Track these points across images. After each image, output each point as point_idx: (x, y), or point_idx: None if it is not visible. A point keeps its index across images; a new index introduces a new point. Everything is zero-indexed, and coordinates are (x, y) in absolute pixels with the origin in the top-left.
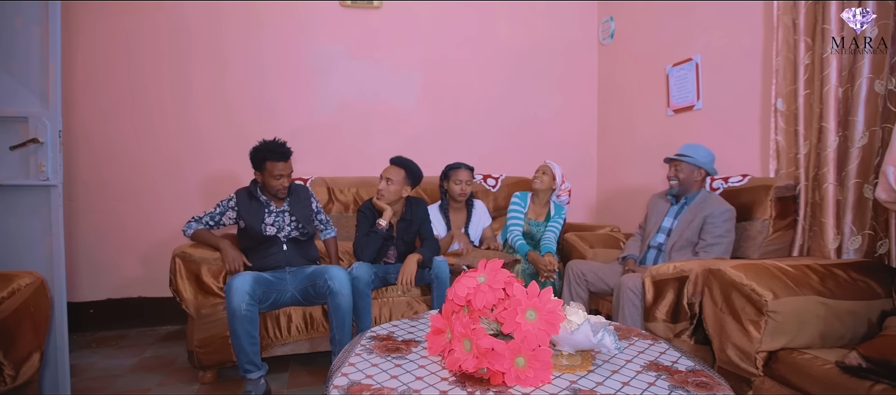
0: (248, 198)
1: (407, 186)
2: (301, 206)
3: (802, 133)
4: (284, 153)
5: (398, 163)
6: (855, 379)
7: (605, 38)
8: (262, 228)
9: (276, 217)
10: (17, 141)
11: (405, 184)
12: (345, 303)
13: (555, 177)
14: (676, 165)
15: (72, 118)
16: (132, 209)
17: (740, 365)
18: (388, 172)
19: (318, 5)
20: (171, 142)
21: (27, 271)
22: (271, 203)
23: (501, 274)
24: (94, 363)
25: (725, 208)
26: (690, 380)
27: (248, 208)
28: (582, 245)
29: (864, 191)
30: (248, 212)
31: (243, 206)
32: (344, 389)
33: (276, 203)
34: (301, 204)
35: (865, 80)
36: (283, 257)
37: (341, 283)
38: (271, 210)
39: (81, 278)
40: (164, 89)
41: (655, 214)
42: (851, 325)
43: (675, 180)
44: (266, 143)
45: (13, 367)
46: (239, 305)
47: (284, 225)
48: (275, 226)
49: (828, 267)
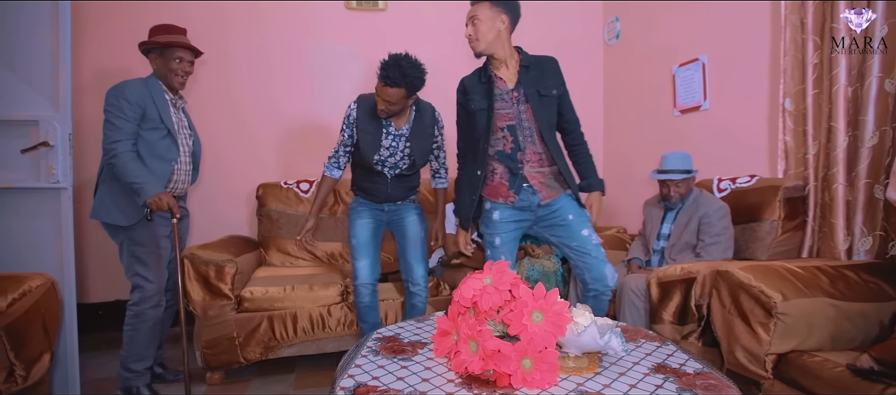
0: (370, 111)
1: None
2: (423, 134)
3: (811, 133)
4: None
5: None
6: (866, 382)
7: (611, 39)
8: (377, 152)
9: (393, 141)
10: (28, 144)
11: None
12: (420, 304)
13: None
14: (675, 183)
15: (81, 121)
16: None
17: (749, 368)
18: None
19: (323, 7)
20: None
21: (38, 273)
22: (391, 124)
23: (508, 276)
24: (104, 364)
25: (719, 206)
26: (699, 383)
27: (366, 124)
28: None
29: (874, 191)
30: (365, 128)
31: (362, 118)
32: (350, 390)
33: (395, 123)
34: (424, 132)
35: (875, 79)
36: (383, 191)
37: (421, 288)
38: (390, 132)
39: (91, 280)
40: None
41: (651, 221)
42: (862, 327)
43: (677, 197)
44: (393, 57)
45: (24, 368)
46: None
47: (398, 152)
48: (389, 150)
49: (838, 268)
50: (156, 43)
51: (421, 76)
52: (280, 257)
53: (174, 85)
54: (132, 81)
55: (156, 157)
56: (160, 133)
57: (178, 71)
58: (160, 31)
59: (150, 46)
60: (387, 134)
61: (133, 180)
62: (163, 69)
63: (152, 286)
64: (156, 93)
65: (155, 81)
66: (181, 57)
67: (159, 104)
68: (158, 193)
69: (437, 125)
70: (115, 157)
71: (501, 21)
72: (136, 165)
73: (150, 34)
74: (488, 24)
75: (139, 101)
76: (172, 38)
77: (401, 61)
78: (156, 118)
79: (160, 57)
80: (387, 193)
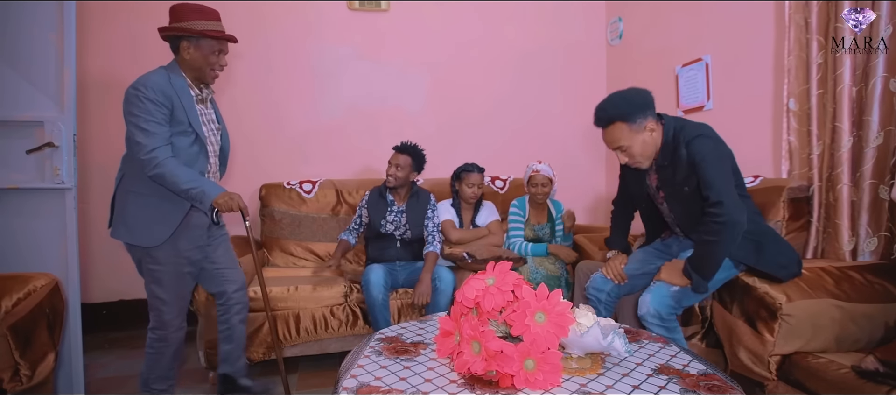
0: (377, 196)
1: (413, 172)
2: (418, 210)
3: (816, 133)
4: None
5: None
6: (871, 384)
7: (614, 39)
8: (381, 224)
9: (395, 216)
10: (34, 145)
11: (411, 170)
12: (444, 300)
13: (552, 180)
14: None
15: (85, 122)
16: None
17: (753, 369)
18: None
19: (325, 8)
20: None
21: (42, 273)
22: (394, 202)
23: (510, 276)
24: (107, 363)
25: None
26: (702, 384)
27: (375, 204)
28: (591, 247)
29: (879, 192)
30: (374, 207)
31: (372, 202)
32: (353, 391)
33: (397, 201)
34: (419, 208)
35: (880, 79)
36: (395, 253)
37: (447, 284)
38: (393, 209)
39: (95, 280)
40: None
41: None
42: (867, 328)
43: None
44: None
45: (29, 367)
46: (377, 296)
47: (401, 224)
48: (393, 223)
49: (843, 269)
50: (194, 31)
51: (422, 156)
52: (283, 257)
53: (209, 80)
54: (153, 75)
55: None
56: (188, 138)
57: (216, 65)
58: (193, 15)
59: (184, 34)
60: (390, 211)
61: (188, 187)
62: (198, 61)
63: (169, 310)
64: (180, 89)
65: (178, 74)
66: (221, 49)
67: (186, 103)
68: (224, 193)
69: (431, 205)
70: (158, 166)
71: (649, 129)
72: (184, 169)
73: (177, 16)
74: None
75: (165, 99)
76: (215, 28)
77: (411, 143)
78: (184, 121)
79: (195, 46)
80: (398, 254)
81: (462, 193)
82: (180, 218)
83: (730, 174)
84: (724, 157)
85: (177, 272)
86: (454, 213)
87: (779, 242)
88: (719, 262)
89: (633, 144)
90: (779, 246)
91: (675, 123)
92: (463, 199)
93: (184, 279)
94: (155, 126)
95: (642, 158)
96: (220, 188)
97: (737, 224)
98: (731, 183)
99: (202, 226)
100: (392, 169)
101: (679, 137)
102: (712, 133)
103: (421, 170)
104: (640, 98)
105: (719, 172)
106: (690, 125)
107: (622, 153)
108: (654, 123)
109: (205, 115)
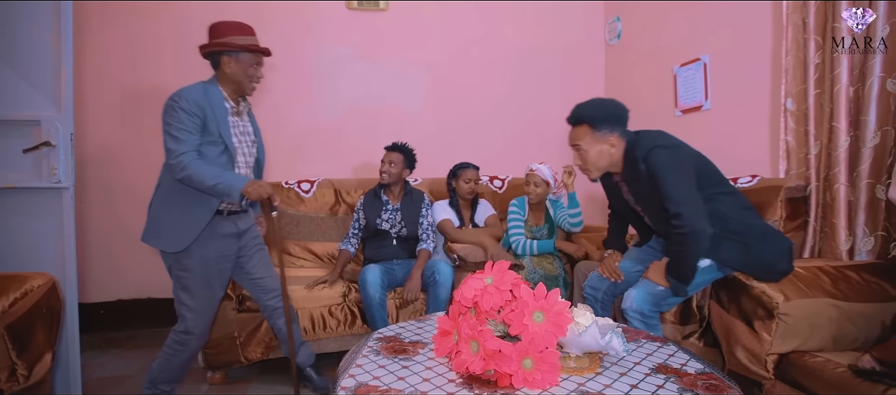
0: (372, 196)
1: (406, 170)
2: (412, 208)
3: (813, 133)
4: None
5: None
6: (868, 383)
7: (612, 39)
8: (377, 222)
9: (390, 214)
10: (30, 144)
11: (404, 167)
12: (443, 293)
13: (549, 183)
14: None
15: (82, 121)
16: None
17: (751, 368)
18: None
19: (324, 7)
20: None
21: (39, 273)
22: (389, 201)
23: (508, 276)
24: (105, 363)
25: None
26: (700, 383)
27: (371, 204)
28: (590, 247)
29: (876, 191)
30: (370, 207)
31: (368, 203)
32: (351, 390)
33: (392, 200)
34: (413, 207)
35: (877, 79)
36: (392, 251)
37: (446, 277)
38: (388, 208)
39: (92, 280)
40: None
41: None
42: (864, 327)
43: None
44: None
45: (26, 367)
46: (374, 295)
47: (396, 222)
48: (388, 222)
49: (840, 269)
50: (234, 46)
51: (413, 154)
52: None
53: (248, 91)
54: (190, 89)
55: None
56: (217, 148)
57: (254, 77)
58: (233, 31)
59: (224, 49)
60: (385, 209)
61: (214, 183)
62: (238, 74)
63: (194, 318)
64: (216, 101)
65: (216, 88)
66: (258, 62)
67: (218, 116)
68: (252, 182)
69: (425, 204)
70: (184, 169)
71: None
72: (209, 168)
73: (218, 33)
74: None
75: (198, 110)
76: (253, 42)
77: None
78: (214, 132)
79: (235, 60)
80: (394, 253)
81: (459, 189)
82: (205, 223)
83: (689, 180)
84: (683, 163)
85: (205, 280)
86: (453, 213)
87: (766, 238)
88: (692, 268)
89: (589, 149)
90: (766, 243)
91: (630, 137)
92: (460, 196)
93: (212, 288)
94: (185, 134)
95: (593, 167)
96: (245, 179)
97: (698, 233)
98: (690, 191)
99: (231, 235)
100: (385, 166)
101: (635, 152)
102: (668, 141)
103: (412, 167)
104: (614, 111)
105: (676, 182)
106: (645, 137)
107: (577, 155)
108: (617, 139)
109: (238, 127)
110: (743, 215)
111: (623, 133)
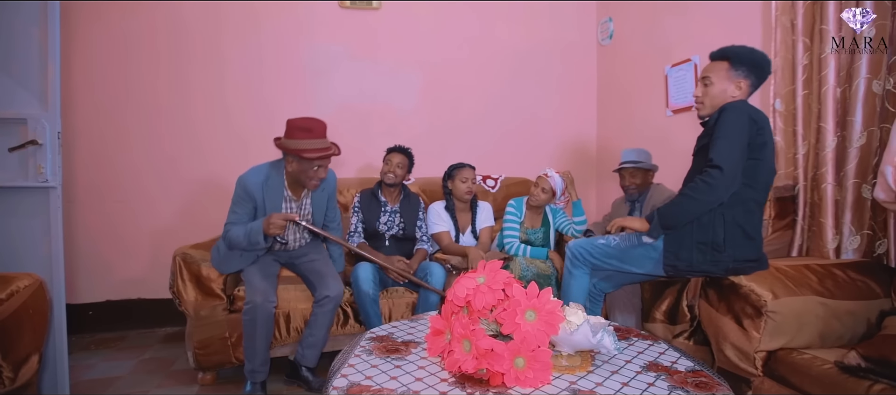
0: (369, 197)
1: (407, 174)
2: (411, 211)
3: (801, 133)
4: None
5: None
6: (854, 379)
7: (604, 39)
8: (376, 224)
9: (389, 216)
10: (16, 143)
11: (406, 170)
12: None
13: (555, 193)
14: (631, 172)
15: (70, 120)
16: (131, 211)
17: (739, 365)
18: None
19: (316, 6)
20: (170, 143)
21: (26, 273)
22: (387, 203)
23: (501, 275)
24: (94, 364)
25: (669, 194)
26: (690, 380)
27: (368, 205)
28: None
29: (862, 191)
30: (368, 208)
31: (365, 203)
32: (343, 390)
33: (390, 202)
34: (411, 209)
35: (863, 80)
36: (385, 251)
37: (438, 279)
38: (386, 209)
39: (80, 280)
40: (161, 90)
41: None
42: (850, 325)
43: (633, 188)
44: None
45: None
46: (367, 291)
47: (394, 224)
48: (386, 224)
49: (827, 267)
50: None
51: (413, 157)
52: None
53: (309, 188)
54: (254, 173)
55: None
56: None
57: (314, 177)
58: (298, 133)
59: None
60: (384, 211)
61: (242, 239)
62: (298, 174)
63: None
64: (274, 190)
65: (279, 174)
66: (321, 164)
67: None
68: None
69: (421, 209)
70: (226, 235)
71: (738, 85)
72: (237, 229)
73: (287, 131)
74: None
75: (249, 198)
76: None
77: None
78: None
79: (297, 162)
80: (388, 252)
81: (456, 190)
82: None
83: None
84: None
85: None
86: (448, 218)
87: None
88: (683, 218)
89: (716, 83)
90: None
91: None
92: (457, 197)
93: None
94: (239, 208)
95: (709, 103)
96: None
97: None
98: (736, 157)
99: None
100: (392, 168)
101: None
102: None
103: (410, 170)
104: (760, 62)
105: (728, 141)
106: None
107: (701, 84)
108: (746, 85)
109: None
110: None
111: (752, 84)
